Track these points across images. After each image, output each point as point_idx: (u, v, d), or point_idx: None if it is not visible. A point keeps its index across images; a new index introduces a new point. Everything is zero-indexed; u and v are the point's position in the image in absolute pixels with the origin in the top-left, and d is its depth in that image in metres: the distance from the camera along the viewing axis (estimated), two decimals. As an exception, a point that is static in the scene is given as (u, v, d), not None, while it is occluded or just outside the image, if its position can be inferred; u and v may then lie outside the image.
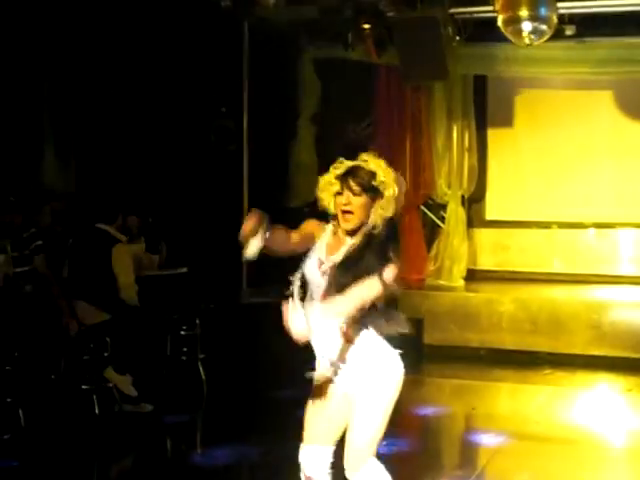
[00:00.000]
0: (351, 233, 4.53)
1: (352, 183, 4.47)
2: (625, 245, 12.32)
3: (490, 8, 9.80)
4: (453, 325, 10.86)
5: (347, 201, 4.47)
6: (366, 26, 10.51)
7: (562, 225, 12.52)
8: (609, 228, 12.33)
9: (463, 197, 12.49)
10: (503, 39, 9.72)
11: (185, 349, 9.01)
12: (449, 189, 12.41)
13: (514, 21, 9.27)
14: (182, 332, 8.99)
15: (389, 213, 4.50)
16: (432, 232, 12.65)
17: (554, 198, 12.52)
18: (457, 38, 10.53)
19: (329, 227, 4.62)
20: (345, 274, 4.41)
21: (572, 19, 10.27)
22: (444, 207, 12.52)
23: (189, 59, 11.19)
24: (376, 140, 12.56)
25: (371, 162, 4.57)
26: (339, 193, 4.50)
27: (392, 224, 4.53)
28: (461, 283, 12.04)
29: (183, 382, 8.88)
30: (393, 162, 13.26)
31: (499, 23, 9.42)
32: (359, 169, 4.53)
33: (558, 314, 10.58)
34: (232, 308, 10.27)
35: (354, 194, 4.47)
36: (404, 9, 10.33)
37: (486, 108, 12.80)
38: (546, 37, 9.42)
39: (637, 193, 12.08)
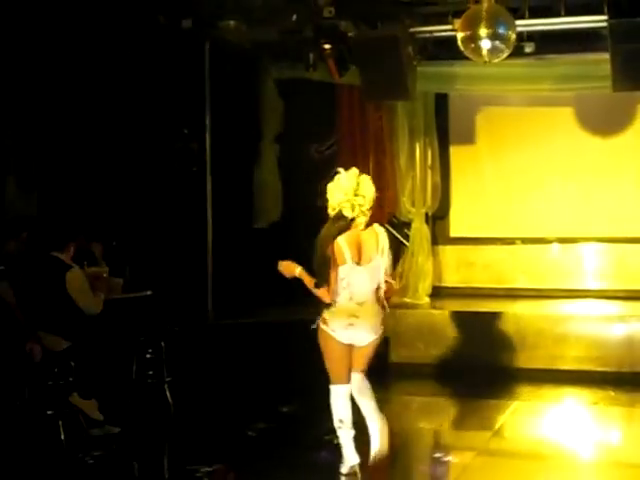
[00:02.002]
0: None
1: None
2: (588, 259, 12.43)
3: (450, 27, 9.86)
4: (419, 343, 10.89)
5: None
6: (327, 46, 10.52)
7: (526, 241, 12.61)
8: (572, 243, 12.44)
9: (427, 215, 12.55)
10: (463, 57, 9.78)
11: (151, 372, 8.95)
12: (413, 207, 12.46)
13: (473, 39, 9.31)
14: (148, 355, 8.93)
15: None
16: (397, 250, 12.67)
17: (517, 214, 12.61)
18: (417, 57, 10.56)
19: None
20: None
21: (531, 36, 10.36)
22: (408, 225, 12.56)
23: (151, 81, 11.18)
24: (339, 159, 12.58)
25: None
26: None
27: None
28: (426, 300, 12.07)
29: (149, 406, 8.81)
30: (356, 181, 13.15)
31: (458, 41, 9.47)
32: None
33: (523, 329, 10.62)
34: (198, 330, 10.22)
35: None
36: (364, 29, 10.37)
37: (448, 126, 12.88)
38: (505, 55, 9.48)
39: (599, 207, 12.20)
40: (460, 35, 9.42)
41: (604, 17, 9.58)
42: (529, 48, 10.40)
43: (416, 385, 10.30)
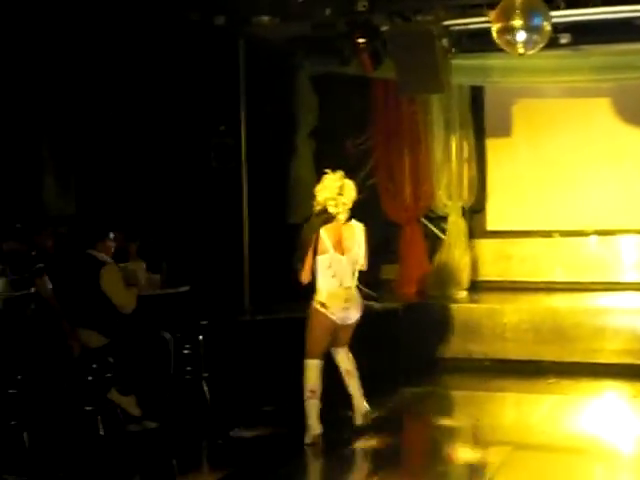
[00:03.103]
0: None
1: None
2: (627, 252, 12.33)
3: (484, 19, 9.81)
4: (456, 337, 10.84)
5: None
6: (361, 40, 10.50)
7: (563, 233, 12.51)
8: (610, 235, 12.33)
9: (463, 208, 12.51)
10: (498, 49, 9.72)
11: (188, 368, 9.00)
12: (449, 200, 12.44)
13: (508, 31, 9.25)
14: (185, 351, 8.97)
15: None
16: (433, 244, 12.65)
17: (554, 206, 12.53)
18: (452, 50, 10.53)
19: None
20: None
21: (567, 27, 10.28)
22: (445, 219, 12.53)
23: (186, 78, 11.22)
24: (375, 154, 12.59)
25: None
26: None
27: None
28: (464, 294, 12.03)
29: (187, 401, 8.85)
30: (392, 175, 13.31)
31: (493, 33, 9.41)
32: None
33: (561, 323, 10.56)
34: (235, 325, 10.25)
35: None
36: (398, 22, 10.34)
37: (484, 118, 12.83)
38: (540, 46, 9.41)
39: (637, 199, 12.08)
40: (495, 27, 9.37)
41: (640, 6, 9.51)
42: (565, 39, 10.33)
43: (453, 379, 10.26)
